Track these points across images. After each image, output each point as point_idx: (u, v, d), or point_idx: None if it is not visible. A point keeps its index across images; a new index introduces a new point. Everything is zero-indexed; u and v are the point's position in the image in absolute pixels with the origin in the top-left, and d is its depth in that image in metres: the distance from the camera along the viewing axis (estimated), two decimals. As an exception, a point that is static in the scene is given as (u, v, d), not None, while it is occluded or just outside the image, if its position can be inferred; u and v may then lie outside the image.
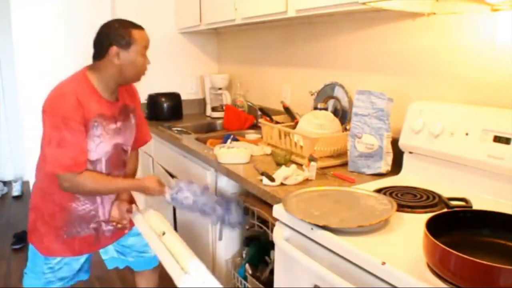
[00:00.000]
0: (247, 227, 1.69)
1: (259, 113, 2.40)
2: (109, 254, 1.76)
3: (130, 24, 1.42)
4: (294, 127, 1.87)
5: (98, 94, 1.42)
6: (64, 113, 1.33)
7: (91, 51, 1.45)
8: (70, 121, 1.33)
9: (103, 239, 1.61)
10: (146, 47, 1.44)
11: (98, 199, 1.52)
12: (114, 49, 1.37)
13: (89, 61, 1.50)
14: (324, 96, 2.00)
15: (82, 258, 1.61)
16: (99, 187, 1.45)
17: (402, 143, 1.48)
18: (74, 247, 1.54)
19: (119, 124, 1.49)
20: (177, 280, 1.30)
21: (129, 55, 1.39)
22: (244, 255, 1.79)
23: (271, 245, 1.41)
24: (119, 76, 1.42)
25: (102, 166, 1.48)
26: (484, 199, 1.18)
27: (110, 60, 1.39)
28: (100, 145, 1.43)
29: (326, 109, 1.92)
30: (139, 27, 1.43)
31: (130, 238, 1.72)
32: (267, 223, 1.50)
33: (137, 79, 1.48)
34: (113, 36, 1.37)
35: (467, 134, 1.27)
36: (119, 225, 1.59)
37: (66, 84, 1.40)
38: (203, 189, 1.57)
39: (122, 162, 1.57)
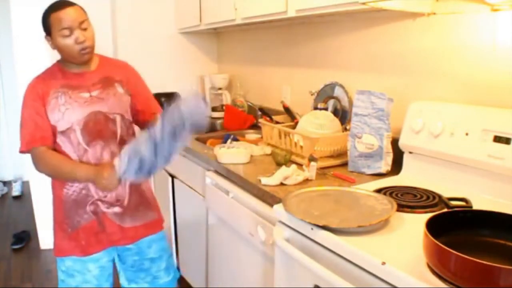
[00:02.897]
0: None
1: (259, 113, 2.40)
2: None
3: (52, 7, 1.39)
4: (294, 127, 1.87)
5: (63, 70, 1.47)
6: (24, 97, 1.44)
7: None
8: (27, 101, 1.43)
9: (109, 227, 1.50)
10: (66, 27, 1.36)
11: None
12: (46, 38, 1.43)
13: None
14: (324, 96, 2.00)
15: (94, 267, 1.52)
16: (55, 164, 1.39)
17: (402, 143, 1.48)
18: (81, 242, 1.49)
19: (95, 92, 1.46)
20: None
21: (54, 41, 1.41)
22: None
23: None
24: (64, 58, 1.45)
25: (78, 135, 1.43)
26: (484, 199, 1.18)
27: (51, 47, 1.45)
28: (66, 113, 1.41)
29: (326, 109, 1.92)
30: (58, 8, 1.37)
31: (146, 262, 1.62)
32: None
33: (77, 60, 1.43)
34: (42, 26, 1.43)
35: (467, 134, 1.27)
36: None
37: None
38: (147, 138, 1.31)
39: (109, 132, 1.47)
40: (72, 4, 1.41)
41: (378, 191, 1.28)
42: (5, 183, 4.46)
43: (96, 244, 1.51)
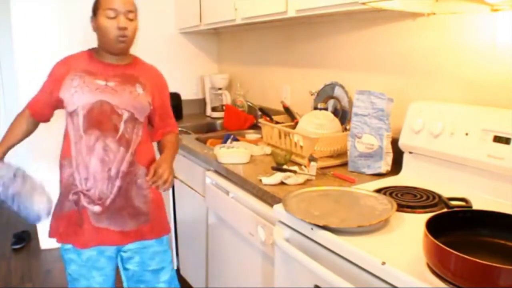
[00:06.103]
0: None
1: (259, 113, 2.40)
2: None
3: None
4: (294, 127, 1.87)
5: (92, 57, 1.48)
6: (50, 71, 1.51)
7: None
8: (49, 76, 1.50)
9: (86, 224, 1.45)
10: (112, 8, 1.36)
11: (74, 162, 1.44)
12: (91, 19, 1.45)
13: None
14: (324, 96, 2.00)
15: (99, 275, 1.51)
16: (9, 127, 1.59)
17: (402, 143, 1.48)
18: (60, 227, 1.48)
19: (112, 83, 1.44)
20: None
21: (96, 20, 1.41)
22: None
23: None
24: (99, 43, 1.46)
25: (80, 120, 1.42)
26: (484, 199, 1.18)
27: (92, 29, 1.46)
28: (75, 95, 1.41)
29: (326, 109, 1.92)
30: None
31: (146, 274, 1.59)
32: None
33: (111, 47, 1.42)
34: (92, 5, 1.44)
35: (467, 134, 1.27)
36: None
37: None
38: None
39: (110, 125, 1.43)
40: None
41: (378, 191, 1.28)
42: (5, 183, 4.46)
43: (73, 235, 1.48)
